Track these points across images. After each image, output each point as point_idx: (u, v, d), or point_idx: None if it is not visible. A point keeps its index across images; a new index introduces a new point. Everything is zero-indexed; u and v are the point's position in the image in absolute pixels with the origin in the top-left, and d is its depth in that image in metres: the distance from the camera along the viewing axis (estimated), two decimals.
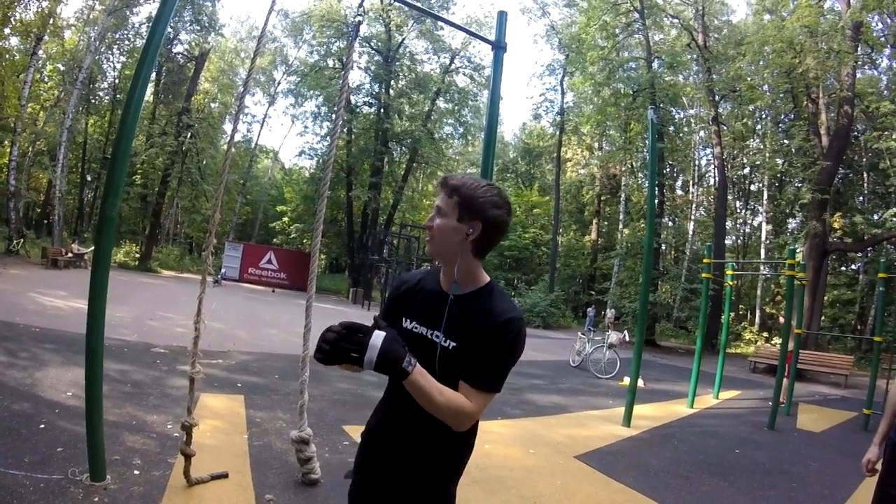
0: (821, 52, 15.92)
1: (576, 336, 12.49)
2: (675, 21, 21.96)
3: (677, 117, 24.38)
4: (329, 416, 4.77)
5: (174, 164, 24.93)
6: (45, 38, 20.14)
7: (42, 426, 3.43)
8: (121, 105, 24.31)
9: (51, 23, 19.88)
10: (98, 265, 2.99)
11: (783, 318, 9.29)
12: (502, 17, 4.02)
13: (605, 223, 32.59)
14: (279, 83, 33.32)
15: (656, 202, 18.01)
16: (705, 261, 9.00)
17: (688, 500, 3.81)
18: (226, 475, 3.10)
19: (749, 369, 14.32)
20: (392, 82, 27.37)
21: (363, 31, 26.45)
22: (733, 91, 20.65)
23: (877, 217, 19.58)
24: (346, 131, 26.45)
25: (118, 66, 28.48)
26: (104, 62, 27.61)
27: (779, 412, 7.03)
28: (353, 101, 27.43)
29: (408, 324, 1.37)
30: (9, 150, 20.07)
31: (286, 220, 34.28)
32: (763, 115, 24.09)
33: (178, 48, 25.94)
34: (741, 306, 26.79)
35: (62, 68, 23.74)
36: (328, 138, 27.75)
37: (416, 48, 28.46)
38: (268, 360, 7.02)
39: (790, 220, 23.96)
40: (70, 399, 4.05)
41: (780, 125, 22.94)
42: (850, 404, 9.25)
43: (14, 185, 19.39)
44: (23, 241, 18.78)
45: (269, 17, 3.44)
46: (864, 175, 21.70)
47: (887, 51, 18.69)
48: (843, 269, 24.02)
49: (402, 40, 27.17)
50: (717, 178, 23.22)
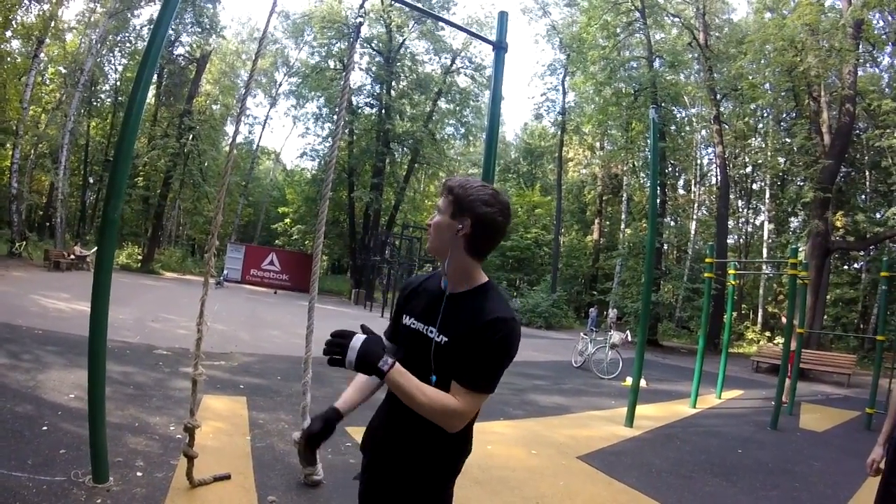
0: (822, 51, 15.89)
1: (578, 336, 12.48)
2: (676, 20, 21.92)
3: (679, 116, 24.32)
4: None
5: (176, 167, 24.98)
6: (47, 40, 20.23)
7: (45, 428, 3.44)
8: (122, 107, 24.39)
9: (52, 25, 19.99)
10: (100, 267, 3.00)
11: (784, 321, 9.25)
12: (503, 17, 4.02)
13: (607, 223, 32.56)
14: (280, 85, 33.41)
15: (658, 202, 17.94)
16: (707, 260, 8.98)
17: (690, 501, 3.80)
18: (228, 476, 3.11)
19: (752, 369, 14.29)
20: (393, 83, 27.39)
21: (364, 32, 26.50)
22: (735, 90, 20.63)
23: (879, 215, 19.48)
24: (347, 132, 26.51)
25: (120, 69, 28.59)
26: (106, 65, 27.66)
27: (781, 412, 7.00)
28: (355, 102, 27.45)
29: (407, 321, 1.43)
30: (11, 152, 20.15)
31: (288, 221, 34.31)
32: (765, 114, 24.01)
33: (179, 50, 26.05)
34: (743, 306, 26.72)
35: (64, 71, 23.83)
36: (330, 139, 27.74)
37: (417, 49, 28.53)
38: (270, 362, 7.02)
39: (792, 218, 23.92)
40: (72, 401, 4.06)
41: (782, 124, 22.89)
42: (852, 404, 9.21)
43: (16, 187, 19.48)
44: (25, 243, 18.84)
45: (269, 18, 3.45)
46: (867, 173, 21.62)
47: (888, 48, 18.66)
48: (846, 267, 23.91)
49: (403, 41, 27.19)
50: (718, 178, 23.17)
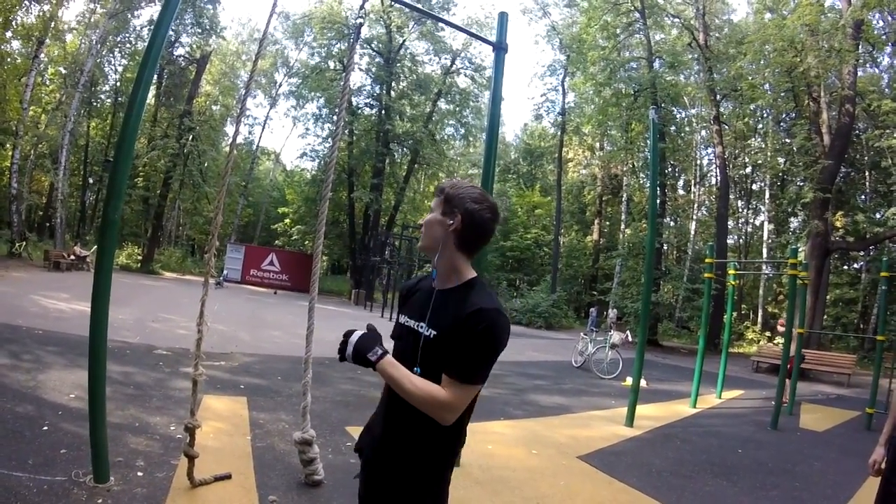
0: (822, 51, 15.90)
1: (578, 336, 12.48)
2: (676, 20, 21.94)
3: (678, 117, 24.31)
4: (332, 417, 4.77)
5: (176, 167, 24.95)
6: (47, 41, 20.24)
7: (45, 428, 3.44)
8: (122, 108, 24.44)
9: (52, 26, 20.00)
10: (101, 267, 3.01)
11: (782, 326, 9.23)
12: (503, 18, 4.03)
13: (607, 223, 32.54)
14: (280, 85, 33.38)
15: (658, 202, 17.98)
16: (707, 260, 8.98)
17: (691, 500, 3.81)
18: (229, 476, 3.11)
19: (752, 369, 14.30)
20: (393, 84, 27.37)
21: (364, 32, 26.48)
22: (734, 90, 20.62)
23: (879, 215, 19.46)
24: (347, 133, 26.47)
25: (120, 69, 28.54)
26: (106, 65, 27.63)
27: (781, 412, 7.01)
28: (355, 103, 27.43)
29: (402, 318, 1.51)
30: (11, 153, 20.16)
31: (288, 221, 34.28)
32: (764, 114, 24.03)
33: (179, 51, 26.01)
34: (743, 306, 26.73)
35: (64, 71, 23.83)
36: (329, 140, 27.74)
37: (417, 49, 28.49)
38: (270, 362, 7.02)
39: (792, 219, 23.93)
40: (73, 401, 4.06)
41: (782, 124, 22.89)
42: (852, 403, 9.22)
43: (16, 188, 19.48)
44: (25, 243, 18.83)
45: (270, 19, 3.45)
46: (866, 174, 21.62)
47: (888, 49, 18.69)
48: (846, 267, 23.92)
49: (403, 42, 27.18)
50: (718, 178, 23.18)
